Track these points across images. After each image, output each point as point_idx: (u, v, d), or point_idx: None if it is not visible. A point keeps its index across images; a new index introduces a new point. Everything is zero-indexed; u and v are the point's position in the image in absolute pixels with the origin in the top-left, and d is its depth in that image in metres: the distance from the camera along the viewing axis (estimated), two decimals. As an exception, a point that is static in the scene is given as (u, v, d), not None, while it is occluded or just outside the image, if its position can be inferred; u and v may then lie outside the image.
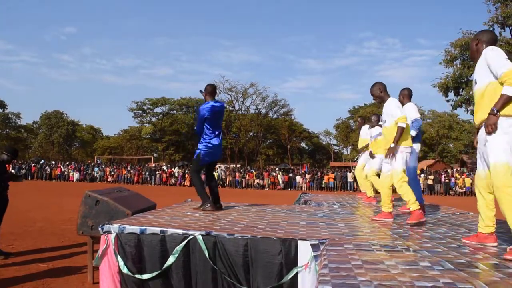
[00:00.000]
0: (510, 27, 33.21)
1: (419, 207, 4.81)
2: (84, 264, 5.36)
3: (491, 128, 3.16)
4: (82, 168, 36.14)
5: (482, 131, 3.34)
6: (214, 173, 6.15)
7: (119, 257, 3.85)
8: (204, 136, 5.60)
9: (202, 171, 5.92)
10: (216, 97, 5.93)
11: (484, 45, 3.46)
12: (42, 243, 7.03)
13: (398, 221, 5.05)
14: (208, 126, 5.58)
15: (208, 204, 5.53)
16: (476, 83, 3.43)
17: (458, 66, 34.66)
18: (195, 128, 5.61)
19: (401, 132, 4.87)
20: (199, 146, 5.62)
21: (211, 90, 5.76)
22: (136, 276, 3.82)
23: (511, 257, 2.95)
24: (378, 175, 8.27)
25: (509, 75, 3.09)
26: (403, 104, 5.73)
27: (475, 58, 3.56)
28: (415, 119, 5.88)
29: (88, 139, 71.01)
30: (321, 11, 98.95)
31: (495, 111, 3.14)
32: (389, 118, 5.02)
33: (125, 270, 3.82)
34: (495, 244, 3.47)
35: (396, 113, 4.91)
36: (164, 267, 3.75)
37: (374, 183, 7.49)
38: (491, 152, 3.23)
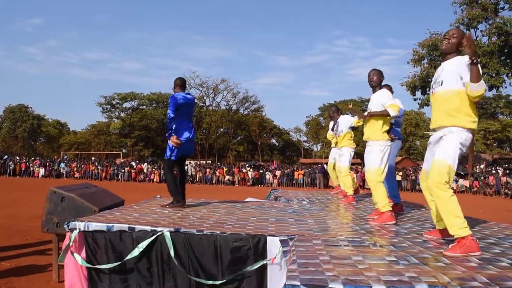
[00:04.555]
0: (475, 29, 34.29)
1: (390, 210, 4.63)
2: (49, 263, 5.22)
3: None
4: (47, 164, 35.18)
5: (437, 134, 3.41)
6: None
7: (82, 253, 3.78)
8: (176, 129, 5.54)
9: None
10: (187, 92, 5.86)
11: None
12: (5, 241, 6.82)
13: (365, 216, 5.13)
14: (179, 119, 5.52)
15: (178, 205, 5.49)
16: (441, 84, 3.37)
17: (425, 65, 35.62)
18: (169, 115, 5.41)
19: (382, 114, 4.73)
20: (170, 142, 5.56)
21: (180, 83, 5.71)
22: (99, 267, 3.75)
23: (450, 254, 2.99)
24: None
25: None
26: None
27: (447, 53, 3.43)
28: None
29: (54, 134, 69.32)
30: (292, 9, 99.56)
31: (474, 59, 3.08)
32: (377, 107, 4.86)
33: (84, 263, 3.74)
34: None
35: (387, 102, 4.79)
36: (126, 258, 3.68)
37: (346, 183, 7.23)
38: (443, 148, 3.27)
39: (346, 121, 7.43)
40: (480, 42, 33.66)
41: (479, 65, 3.12)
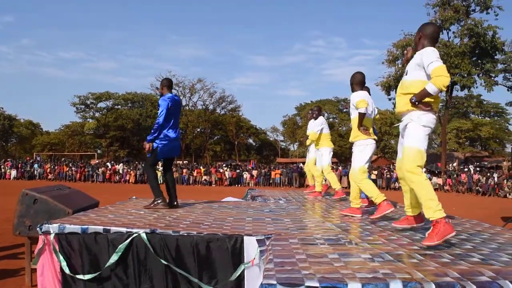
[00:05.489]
0: (448, 30, 35.03)
1: (385, 199, 4.71)
2: (21, 267, 5.11)
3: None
4: (20, 165, 34.36)
5: (402, 123, 3.61)
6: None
7: (61, 257, 3.71)
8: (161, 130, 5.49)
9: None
10: None
11: (426, 41, 3.52)
12: (-25, 245, 6.63)
13: (343, 215, 5.18)
14: (166, 120, 5.47)
15: (160, 201, 5.42)
16: (406, 74, 3.57)
17: (400, 66, 36.15)
18: (158, 121, 5.39)
19: (362, 118, 4.92)
20: (156, 140, 5.49)
21: (168, 84, 5.71)
22: (78, 277, 3.69)
23: (428, 243, 3.10)
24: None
25: (438, 71, 3.21)
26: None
27: (417, 50, 3.61)
28: None
29: (27, 135, 67.57)
30: (270, 9, 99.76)
31: (414, 101, 3.37)
32: (353, 109, 5.08)
33: (67, 270, 3.68)
34: (423, 223, 3.74)
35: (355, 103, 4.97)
36: (106, 265, 3.64)
37: (332, 180, 7.42)
38: (408, 135, 3.46)
39: (322, 122, 7.64)
40: (452, 43, 34.39)
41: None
